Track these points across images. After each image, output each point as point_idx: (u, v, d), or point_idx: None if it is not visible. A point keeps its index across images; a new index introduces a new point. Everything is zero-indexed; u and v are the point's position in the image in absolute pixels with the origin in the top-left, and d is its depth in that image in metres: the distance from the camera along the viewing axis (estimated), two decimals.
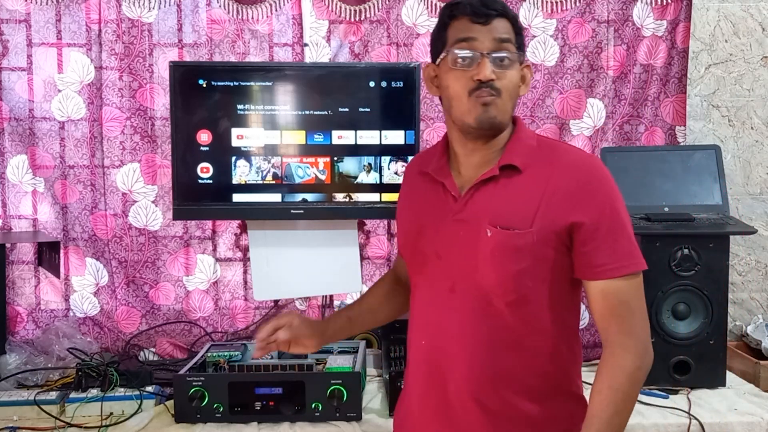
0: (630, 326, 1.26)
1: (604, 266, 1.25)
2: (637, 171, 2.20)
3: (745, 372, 2.17)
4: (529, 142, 1.34)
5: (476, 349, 1.28)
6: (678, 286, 2.00)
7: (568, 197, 1.26)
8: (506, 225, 1.26)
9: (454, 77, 1.28)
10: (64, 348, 2.21)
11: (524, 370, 1.29)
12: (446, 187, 1.34)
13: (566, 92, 2.45)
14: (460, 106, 1.29)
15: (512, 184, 1.30)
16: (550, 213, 1.26)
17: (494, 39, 1.26)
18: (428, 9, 2.41)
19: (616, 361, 1.25)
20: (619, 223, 1.27)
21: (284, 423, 1.81)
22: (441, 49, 1.32)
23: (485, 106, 1.26)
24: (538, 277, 1.27)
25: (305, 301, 2.47)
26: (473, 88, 1.26)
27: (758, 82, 2.51)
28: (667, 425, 1.82)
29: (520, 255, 1.25)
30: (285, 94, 2.20)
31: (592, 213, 1.25)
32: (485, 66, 1.25)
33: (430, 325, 1.34)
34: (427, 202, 1.38)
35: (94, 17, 2.35)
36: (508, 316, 1.28)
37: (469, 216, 1.30)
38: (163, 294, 2.46)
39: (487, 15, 1.26)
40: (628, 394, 1.24)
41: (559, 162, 1.30)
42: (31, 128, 2.38)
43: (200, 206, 2.22)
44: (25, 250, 2.42)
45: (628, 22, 2.43)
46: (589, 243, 1.25)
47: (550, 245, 1.26)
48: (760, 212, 2.54)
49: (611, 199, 1.28)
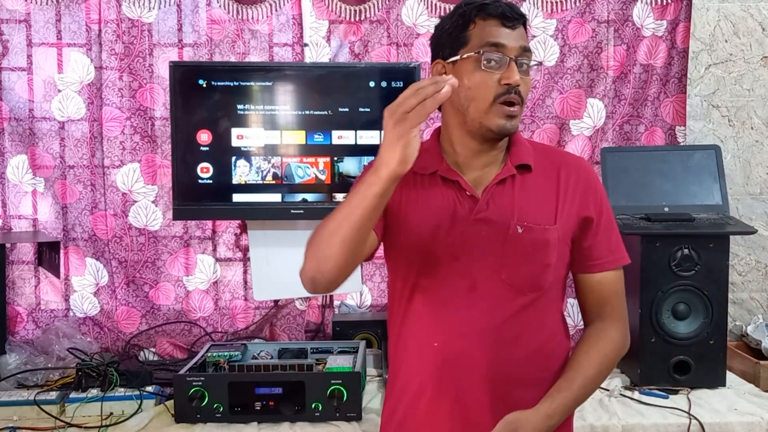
0: (619, 313, 1.36)
1: (603, 259, 1.35)
2: (637, 171, 2.20)
3: (745, 372, 2.17)
4: (527, 144, 1.39)
5: (496, 347, 1.29)
6: (678, 286, 1.99)
7: (578, 195, 1.34)
8: (534, 222, 1.30)
9: (481, 79, 1.27)
10: (64, 348, 2.21)
11: (537, 363, 1.31)
12: (461, 187, 1.32)
13: (566, 92, 2.45)
14: (480, 109, 1.28)
15: (528, 183, 1.33)
16: (566, 210, 1.32)
17: (520, 44, 1.28)
18: (428, 9, 2.41)
19: (607, 333, 1.34)
20: (612, 218, 1.38)
21: (284, 423, 1.81)
22: (458, 48, 1.30)
23: (510, 118, 1.27)
24: (557, 272, 1.34)
25: (305, 301, 2.47)
26: (501, 92, 1.26)
27: (758, 82, 2.51)
28: (667, 425, 1.82)
29: (550, 249, 1.31)
30: (285, 94, 2.20)
31: (595, 208, 1.34)
32: (514, 70, 1.26)
33: (447, 327, 1.31)
34: (435, 203, 1.33)
35: (94, 17, 2.35)
36: (527, 312, 1.30)
37: (493, 215, 1.30)
38: (163, 294, 2.46)
39: (516, 20, 1.28)
40: (610, 365, 1.33)
41: (561, 162, 1.37)
42: (31, 128, 2.38)
43: (200, 206, 2.22)
44: (25, 250, 2.42)
45: (628, 22, 2.43)
46: (592, 237, 1.34)
47: (566, 241, 1.33)
48: (760, 212, 2.54)
49: (605, 196, 1.38)
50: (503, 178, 1.32)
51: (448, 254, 1.31)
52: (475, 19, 1.29)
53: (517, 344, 1.30)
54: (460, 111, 1.31)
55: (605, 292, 1.36)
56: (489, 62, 1.27)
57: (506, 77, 1.26)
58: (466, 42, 1.29)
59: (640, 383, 2.01)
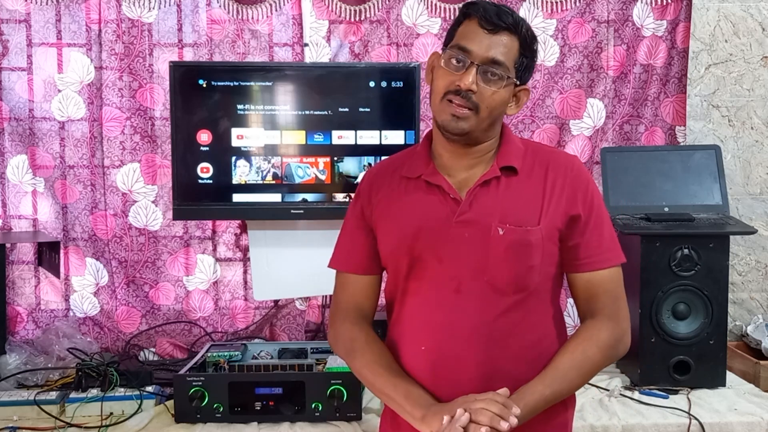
0: (611, 312, 1.33)
1: (592, 258, 1.34)
2: (637, 171, 2.20)
3: (745, 372, 2.17)
4: (518, 144, 1.38)
5: (484, 348, 1.29)
6: (678, 286, 1.99)
7: (565, 193, 1.32)
8: (516, 223, 1.29)
9: (440, 75, 1.30)
10: (64, 348, 2.21)
11: (527, 364, 1.30)
12: (444, 190, 1.33)
13: (566, 92, 2.45)
14: (435, 104, 1.32)
15: (513, 185, 1.33)
16: (551, 210, 1.31)
17: (490, 53, 1.26)
18: (428, 9, 2.41)
19: (594, 333, 1.31)
20: (604, 217, 1.36)
21: (284, 423, 1.81)
22: (447, 44, 1.33)
23: (456, 117, 1.28)
24: (545, 273, 1.32)
25: (305, 301, 2.47)
26: (450, 90, 1.27)
27: (758, 82, 2.51)
28: (667, 425, 1.82)
29: (532, 251, 1.30)
30: (285, 94, 2.20)
31: (583, 206, 1.33)
32: (469, 74, 1.26)
33: (434, 329, 1.32)
34: (419, 206, 1.35)
35: (94, 17, 2.35)
36: (515, 313, 1.30)
37: (476, 217, 1.30)
38: (163, 294, 2.46)
39: (496, 25, 1.26)
40: (594, 366, 1.30)
41: (550, 162, 1.36)
42: (31, 128, 2.38)
43: (200, 206, 2.22)
44: (25, 250, 2.42)
45: (628, 22, 2.43)
46: (579, 236, 1.33)
47: (553, 241, 1.32)
48: (760, 212, 2.54)
49: (597, 194, 1.37)
50: (487, 180, 1.32)
51: (432, 257, 1.32)
52: (463, 18, 1.31)
53: (506, 345, 1.29)
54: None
55: (595, 291, 1.34)
56: (449, 62, 1.29)
57: (458, 79, 1.26)
58: (452, 39, 1.32)
59: (640, 383, 2.01)
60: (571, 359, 1.28)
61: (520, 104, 1.35)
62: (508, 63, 1.28)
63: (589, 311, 1.35)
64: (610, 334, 1.31)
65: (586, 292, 1.35)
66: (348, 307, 1.44)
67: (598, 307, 1.33)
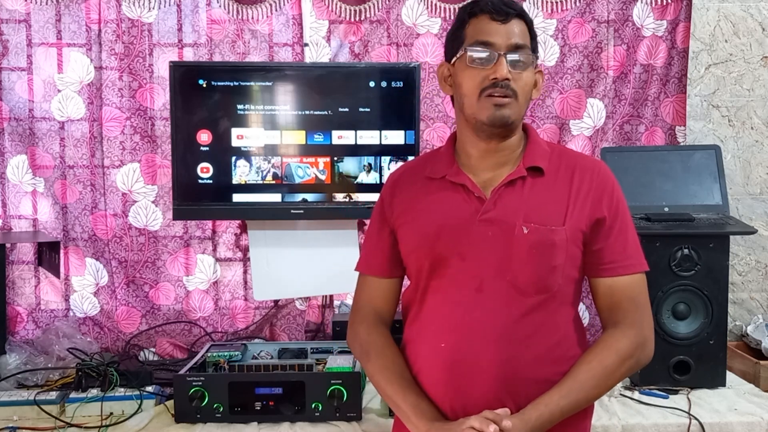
0: (633, 320, 1.32)
1: (615, 263, 1.33)
2: (637, 171, 2.20)
3: (745, 372, 2.17)
4: (544, 146, 1.39)
5: (504, 348, 1.28)
6: (678, 286, 1.99)
7: (591, 196, 1.33)
8: (541, 222, 1.30)
9: (469, 75, 1.30)
10: (64, 348, 2.21)
11: (548, 366, 1.30)
12: (468, 189, 1.34)
13: (566, 92, 2.45)
14: (471, 104, 1.31)
15: (539, 185, 1.34)
16: (576, 211, 1.31)
17: (512, 40, 1.29)
18: (428, 9, 2.41)
19: (613, 342, 1.30)
20: (629, 223, 1.38)
21: (284, 423, 1.81)
22: (457, 48, 1.33)
23: (498, 107, 1.28)
24: (567, 275, 1.32)
25: (305, 301, 2.47)
26: (487, 86, 1.28)
27: (758, 82, 2.51)
28: (667, 425, 1.82)
29: (556, 251, 1.30)
30: (285, 94, 2.20)
31: (609, 210, 1.33)
32: (502, 65, 1.28)
33: (455, 327, 1.31)
34: (443, 205, 1.35)
35: (94, 17, 2.35)
36: (536, 315, 1.30)
37: (500, 215, 1.31)
38: (163, 294, 2.46)
39: (507, 14, 1.29)
40: (612, 376, 1.29)
41: (576, 165, 1.36)
42: (31, 128, 2.38)
43: (200, 206, 2.22)
44: (25, 250, 2.42)
45: (628, 22, 2.43)
46: (603, 240, 1.33)
47: (577, 243, 1.32)
48: (760, 212, 2.54)
49: (622, 200, 1.37)
50: (513, 179, 1.33)
51: (455, 255, 1.32)
52: (469, 18, 1.32)
53: (526, 346, 1.29)
54: (461, 110, 1.35)
55: (617, 297, 1.33)
56: (473, 60, 1.29)
57: (492, 72, 1.28)
58: (462, 41, 1.33)
59: (640, 383, 2.01)
60: (588, 369, 1.28)
61: (539, 87, 1.38)
62: (527, 45, 1.31)
63: (611, 320, 1.33)
64: (629, 343, 1.30)
65: (608, 298, 1.34)
66: (366, 309, 1.46)
67: (620, 315, 1.32)
